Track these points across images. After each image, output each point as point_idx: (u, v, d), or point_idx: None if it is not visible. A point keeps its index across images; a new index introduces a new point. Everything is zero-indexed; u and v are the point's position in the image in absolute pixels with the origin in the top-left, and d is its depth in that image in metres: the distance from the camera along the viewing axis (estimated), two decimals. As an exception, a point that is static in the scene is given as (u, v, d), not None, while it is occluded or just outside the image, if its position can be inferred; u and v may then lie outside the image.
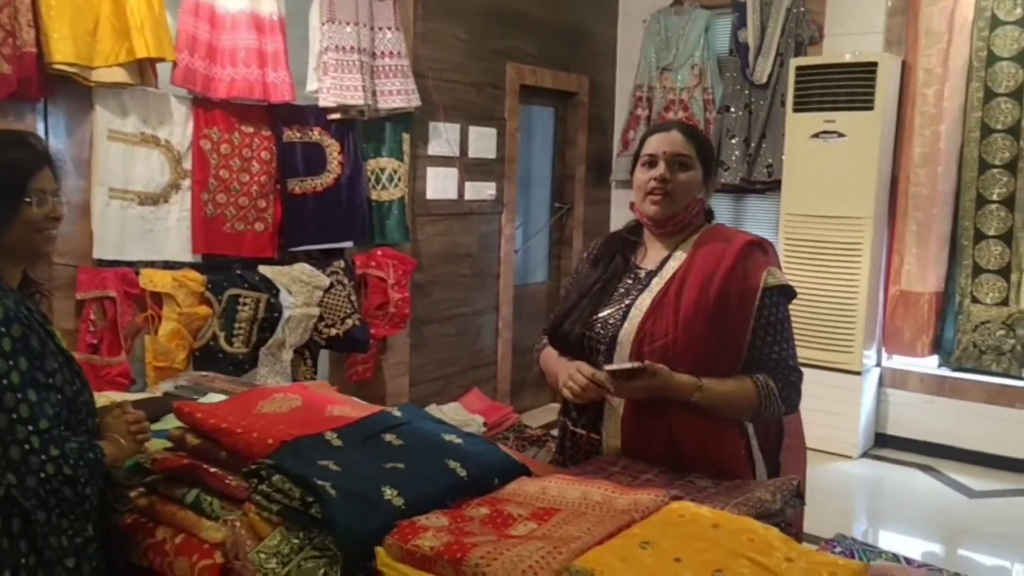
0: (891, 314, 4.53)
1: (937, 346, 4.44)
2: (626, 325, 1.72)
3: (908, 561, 1.29)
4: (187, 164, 3.25)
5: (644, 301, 1.73)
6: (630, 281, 1.82)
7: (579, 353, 1.79)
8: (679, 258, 1.77)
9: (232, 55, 3.25)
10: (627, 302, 1.77)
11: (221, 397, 1.93)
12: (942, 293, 4.42)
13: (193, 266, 3.25)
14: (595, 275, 1.86)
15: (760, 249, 1.75)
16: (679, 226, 1.80)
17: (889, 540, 3.71)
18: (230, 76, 3.25)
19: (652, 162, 1.78)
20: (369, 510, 1.25)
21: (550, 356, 1.89)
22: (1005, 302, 4.23)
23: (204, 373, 2.36)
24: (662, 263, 1.79)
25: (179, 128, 3.22)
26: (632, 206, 1.86)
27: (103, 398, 2.04)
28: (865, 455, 4.46)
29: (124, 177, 3.09)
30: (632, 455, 1.68)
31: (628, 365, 1.59)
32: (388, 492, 1.30)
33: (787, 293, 1.74)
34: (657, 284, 1.75)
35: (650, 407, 1.66)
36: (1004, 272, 4.23)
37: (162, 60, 3.01)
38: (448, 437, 1.54)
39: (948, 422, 4.38)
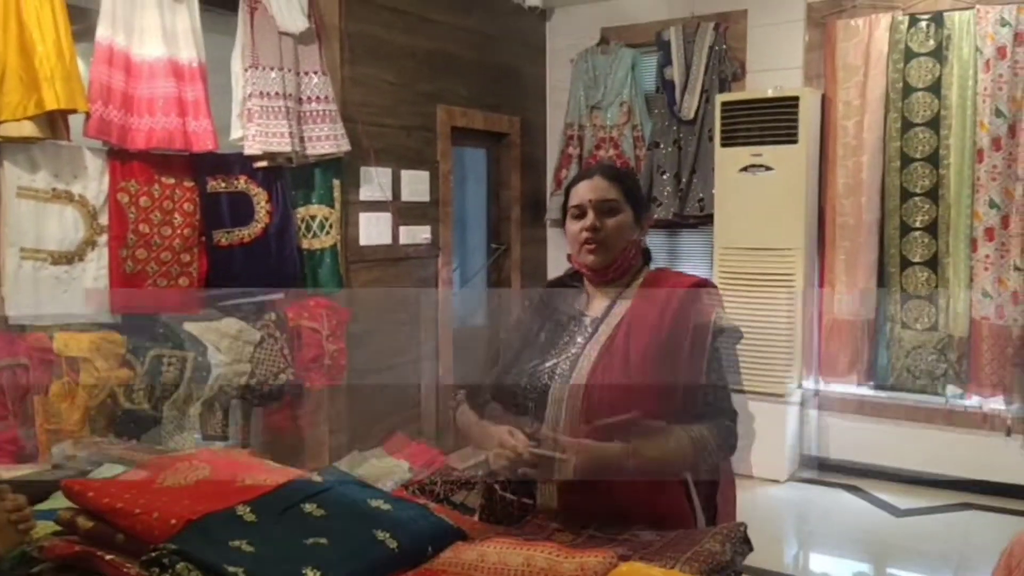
0: (826, 342, 4.59)
1: (872, 373, 4.51)
2: (574, 376, 1.66)
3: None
4: (103, 219, 3.10)
5: (592, 350, 1.68)
6: (575, 329, 1.77)
7: (522, 405, 1.72)
8: (624, 304, 1.74)
9: (150, 104, 3.14)
10: (573, 351, 1.71)
11: (119, 468, 1.77)
12: (873, 320, 4.50)
13: (112, 327, 3.10)
14: (537, 324, 1.81)
15: (706, 292, 1.73)
16: (619, 272, 1.77)
17: (820, 563, 3.72)
18: (148, 126, 3.13)
19: (581, 212, 1.76)
20: (287, 597, 1.15)
21: (471, 418, 1.81)
22: (935, 327, 4.33)
23: (99, 439, 2.20)
24: (607, 310, 1.75)
25: (94, 182, 3.08)
26: (569, 257, 1.83)
27: (-5, 471, 1.89)
28: (792, 478, 4.49)
29: (36, 236, 2.93)
30: (569, 513, 1.61)
31: (547, 453, 1.53)
32: (310, 574, 1.21)
33: (735, 336, 1.72)
34: (604, 332, 1.70)
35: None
36: (932, 297, 4.34)
37: (74, 111, 2.88)
38: (375, 503, 1.45)
39: (871, 441, 4.46)
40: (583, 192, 1.76)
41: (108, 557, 1.32)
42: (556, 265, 5.41)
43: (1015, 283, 4.08)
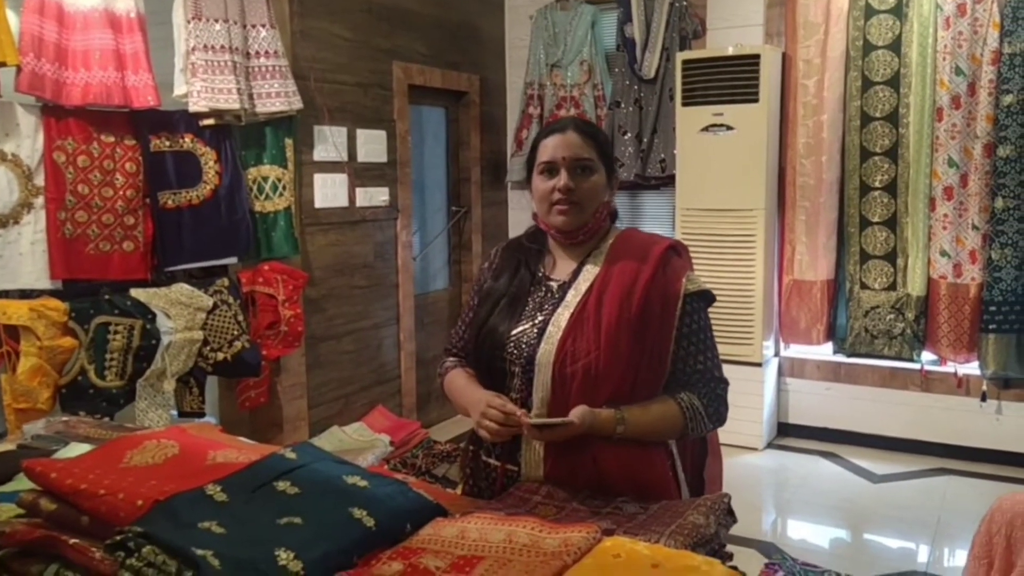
0: (786, 304, 4.61)
1: (831, 333, 4.56)
2: (543, 345, 1.58)
3: (856, 581, 1.21)
4: (39, 180, 2.93)
5: (561, 317, 1.60)
6: (541, 295, 1.68)
7: (494, 375, 1.65)
8: (593, 269, 1.64)
9: (85, 57, 2.95)
10: (541, 318, 1.63)
11: (85, 447, 1.68)
12: (833, 280, 4.53)
13: (53, 293, 2.93)
14: (500, 289, 1.71)
15: (676, 253, 1.65)
16: (589, 235, 1.68)
17: (798, 530, 3.76)
18: (84, 80, 2.94)
19: (552, 169, 1.64)
20: (260, 582, 1.07)
21: (457, 383, 1.73)
22: (893, 287, 4.38)
23: (67, 417, 2.09)
24: (575, 274, 1.66)
25: (28, 140, 2.89)
26: (535, 216, 1.72)
27: (-54, 454, 1.77)
28: (770, 446, 4.52)
29: (-35, 198, 2.75)
30: (554, 483, 1.55)
31: (554, 421, 1.48)
32: (283, 556, 1.12)
33: (706, 298, 1.65)
34: (574, 298, 1.62)
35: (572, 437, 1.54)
36: (890, 257, 4.37)
37: (3, 65, 2.69)
38: (351, 480, 1.36)
39: (846, 408, 4.50)
40: (555, 148, 1.64)
41: (72, 541, 1.24)
42: (518, 227, 5.32)
43: (973, 242, 4.14)
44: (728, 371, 1.70)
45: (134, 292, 3.06)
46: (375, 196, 4.28)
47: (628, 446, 1.55)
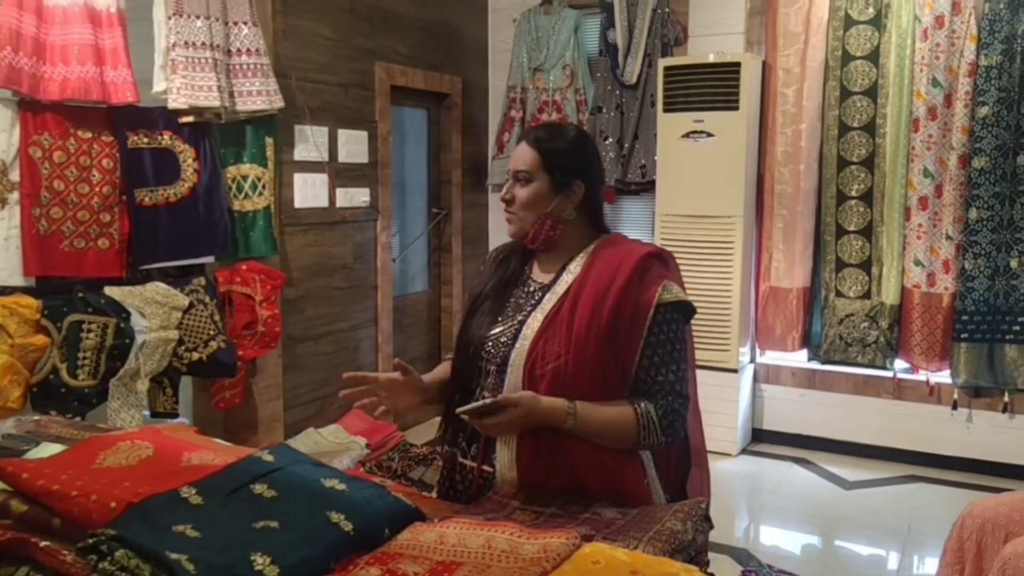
0: (762, 310, 4.65)
1: (806, 340, 4.60)
2: (517, 345, 1.60)
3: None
4: (14, 175, 2.88)
5: (536, 319, 1.61)
6: (523, 296, 1.70)
7: (471, 374, 1.68)
8: (573, 272, 1.65)
9: (64, 52, 2.91)
10: (519, 318, 1.64)
11: (57, 447, 1.65)
12: (809, 288, 4.57)
13: (26, 290, 2.88)
14: (485, 291, 1.74)
15: (659, 262, 1.64)
16: (540, 243, 1.69)
17: (771, 536, 3.79)
18: (62, 75, 2.90)
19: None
20: (236, 588, 1.06)
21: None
22: (867, 295, 4.43)
23: (38, 416, 2.05)
24: (555, 278, 1.67)
25: (3, 135, 2.85)
26: None
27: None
28: (744, 452, 4.55)
29: (-63, 191, 2.70)
30: (530, 486, 1.55)
31: (478, 404, 1.48)
32: (259, 561, 1.11)
33: (684, 310, 1.62)
34: (549, 301, 1.63)
35: (544, 434, 1.54)
36: (865, 266, 4.43)
37: (-22, 58, 2.65)
38: (329, 483, 1.36)
39: (820, 414, 4.54)
40: (512, 159, 1.72)
41: (43, 544, 1.22)
42: (498, 230, 5.32)
43: (946, 252, 4.20)
44: (703, 377, 1.69)
45: (108, 290, 3.02)
46: (355, 197, 4.26)
47: (604, 450, 1.55)
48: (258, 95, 3.50)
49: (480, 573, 1.14)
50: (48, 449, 1.67)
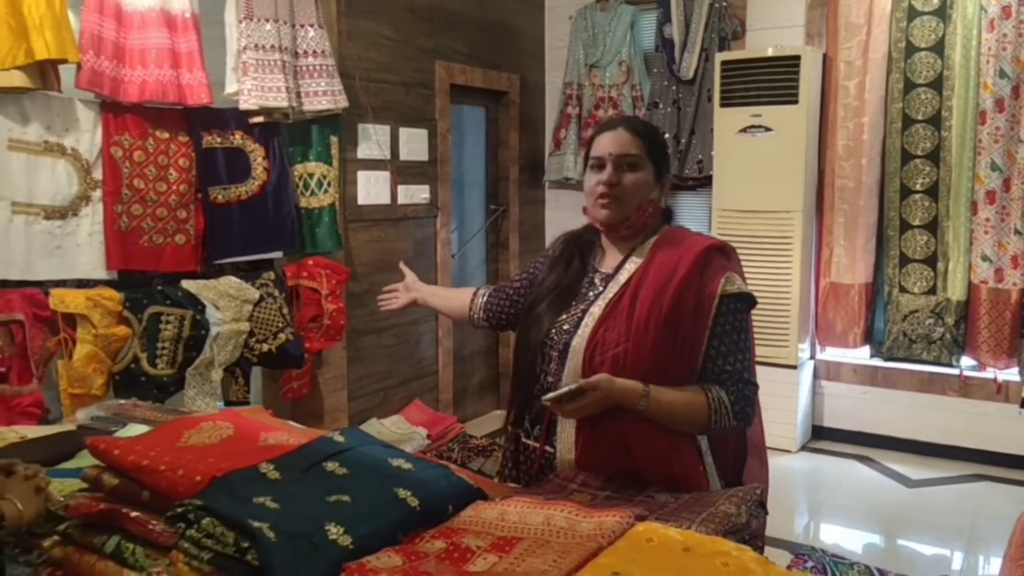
0: (823, 306, 4.60)
1: (868, 337, 4.53)
2: (579, 332, 1.65)
3: (882, 573, 1.24)
4: (97, 174, 3.03)
5: (598, 307, 1.67)
6: (587, 285, 1.75)
7: (534, 358, 1.73)
8: (635, 262, 1.70)
9: (142, 55, 3.06)
10: (582, 307, 1.70)
11: (143, 428, 1.77)
12: (871, 284, 4.51)
13: (108, 283, 3.05)
14: (552, 279, 1.80)
15: (721, 254, 1.69)
16: (633, 230, 1.73)
17: (831, 533, 3.75)
18: (141, 78, 3.05)
19: (600, 164, 1.71)
20: (313, 553, 1.13)
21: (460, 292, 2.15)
22: (932, 291, 4.34)
23: (123, 400, 2.19)
24: (618, 267, 1.72)
25: (87, 135, 3.01)
26: (585, 210, 1.79)
27: (11, 432, 1.87)
28: (804, 448, 4.51)
29: (28, 190, 2.86)
30: (587, 469, 1.60)
31: (564, 390, 1.53)
32: (333, 531, 1.19)
33: (746, 300, 1.67)
34: (611, 290, 1.68)
35: (604, 418, 1.59)
36: (930, 261, 4.34)
37: (64, 62, 2.80)
38: (396, 462, 1.43)
39: (882, 412, 4.47)
40: (604, 144, 1.71)
41: (133, 514, 1.31)
42: (554, 226, 5.36)
43: (1015, 247, 4.09)
44: (763, 373, 1.72)
45: (185, 283, 3.17)
46: (416, 194, 4.36)
47: (659, 433, 1.59)
48: (324, 95, 3.61)
49: (539, 547, 1.20)
50: (135, 429, 1.78)
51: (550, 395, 1.54)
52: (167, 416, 1.92)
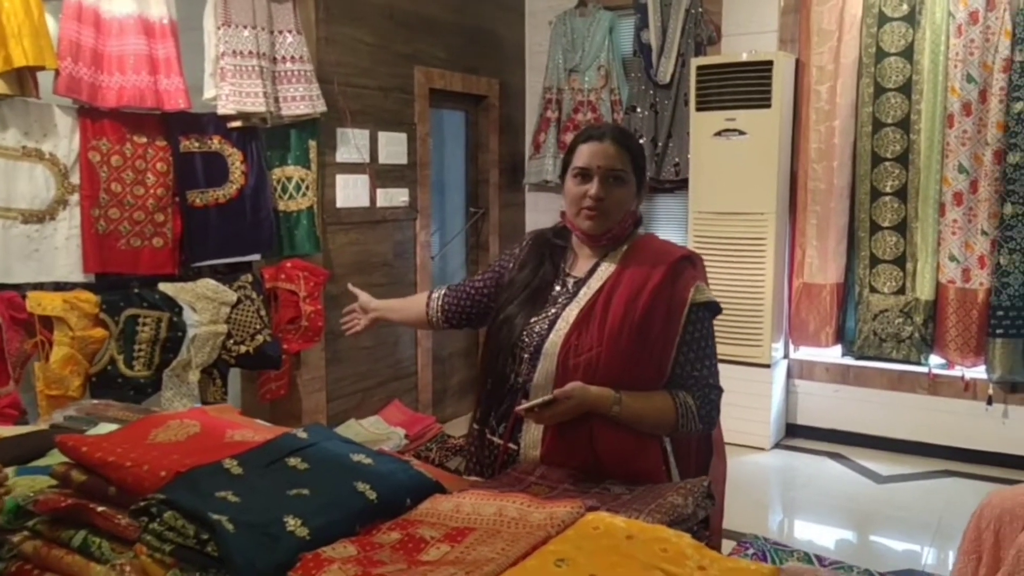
0: (796, 306, 4.67)
1: (840, 336, 4.61)
2: (551, 336, 1.70)
3: (820, 560, 1.30)
4: (75, 178, 3.08)
5: (571, 312, 1.71)
6: (558, 288, 1.79)
7: (504, 358, 1.77)
8: (608, 268, 1.74)
9: (120, 62, 3.10)
10: (554, 311, 1.74)
11: (114, 427, 1.81)
12: (843, 284, 4.58)
13: (86, 286, 3.08)
14: (522, 279, 1.83)
15: (690, 264, 1.74)
16: (612, 239, 1.78)
17: (804, 529, 3.82)
18: (119, 84, 3.09)
19: (585, 175, 1.73)
20: (270, 544, 1.18)
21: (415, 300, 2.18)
22: (902, 290, 4.42)
23: (97, 401, 2.22)
24: (590, 272, 1.76)
25: (64, 140, 3.04)
26: (563, 215, 1.82)
27: (-14, 432, 1.90)
28: (777, 446, 4.58)
29: (6, 194, 2.91)
30: (550, 466, 1.66)
31: (538, 400, 1.58)
32: (291, 522, 1.23)
33: (713, 309, 1.73)
34: (585, 295, 1.72)
35: (570, 420, 1.64)
36: (900, 261, 4.42)
37: (42, 68, 2.84)
38: (357, 457, 1.48)
39: (854, 410, 4.55)
40: (591, 155, 1.72)
41: (100, 509, 1.35)
42: (534, 228, 5.41)
43: (982, 247, 4.18)
44: (737, 372, 1.79)
45: (162, 286, 3.21)
46: (395, 197, 4.40)
47: (625, 434, 1.64)
48: (302, 100, 3.66)
49: (490, 537, 1.25)
50: (105, 428, 1.81)
51: (524, 405, 1.59)
52: (137, 416, 1.95)
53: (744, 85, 4.41)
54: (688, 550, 1.15)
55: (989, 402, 4.21)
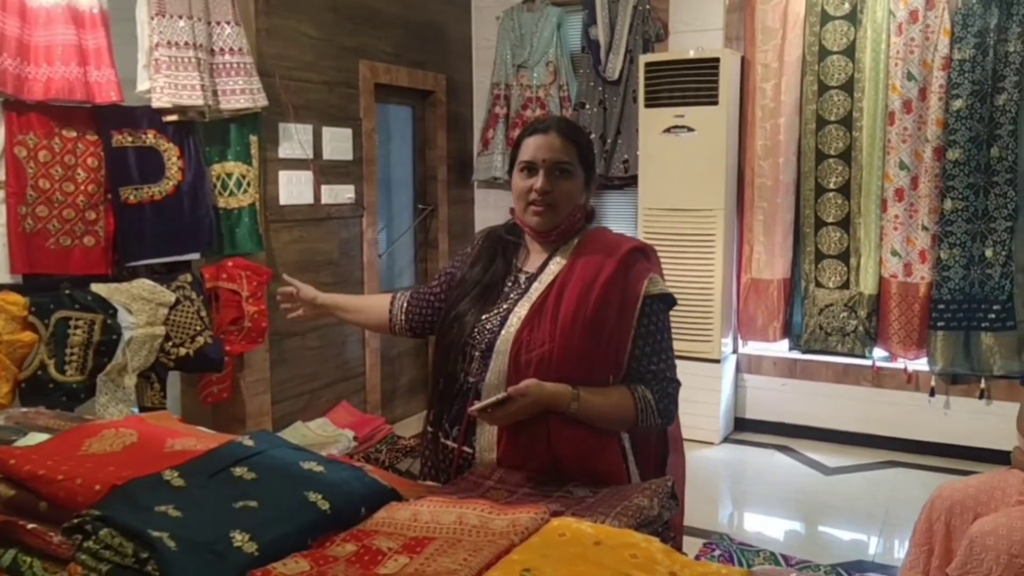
0: (744, 302, 4.72)
1: (787, 330, 4.67)
2: (503, 333, 1.65)
3: (787, 559, 1.28)
4: (0, 174, 2.90)
5: (523, 308, 1.66)
6: (510, 285, 1.75)
7: (455, 356, 1.72)
8: (559, 263, 1.70)
9: (48, 53, 2.94)
10: (505, 307, 1.70)
11: (44, 436, 1.69)
12: (789, 279, 4.65)
13: (13, 288, 2.91)
14: (474, 276, 1.78)
15: (643, 255, 1.70)
16: (562, 234, 1.74)
17: (754, 522, 3.85)
18: (46, 75, 2.93)
19: (531, 168, 1.69)
20: (215, 561, 1.10)
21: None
22: (846, 285, 4.50)
23: (27, 409, 2.09)
24: (541, 267, 1.72)
25: (-13, 134, 2.88)
26: (512, 211, 1.78)
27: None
28: (726, 440, 4.62)
29: (-77, 191, 2.73)
30: (508, 468, 1.60)
31: (492, 400, 1.53)
32: (238, 538, 1.16)
33: (668, 301, 1.70)
34: (536, 290, 1.68)
35: (525, 419, 1.59)
36: (844, 257, 4.50)
37: (-37, 58, 2.68)
38: (307, 465, 1.40)
39: (801, 403, 4.62)
40: (536, 148, 1.68)
41: (30, 526, 1.26)
42: (484, 225, 5.31)
43: (923, 242, 4.27)
44: (687, 367, 1.76)
45: (95, 287, 3.05)
46: (340, 193, 4.30)
47: (583, 431, 1.59)
48: (241, 94, 3.54)
49: (451, 547, 1.19)
50: (36, 438, 1.70)
51: (477, 405, 1.54)
52: (70, 424, 1.84)
53: (692, 82, 4.43)
54: (658, 555, 1.11)
55: (932, 393, 4.31)
